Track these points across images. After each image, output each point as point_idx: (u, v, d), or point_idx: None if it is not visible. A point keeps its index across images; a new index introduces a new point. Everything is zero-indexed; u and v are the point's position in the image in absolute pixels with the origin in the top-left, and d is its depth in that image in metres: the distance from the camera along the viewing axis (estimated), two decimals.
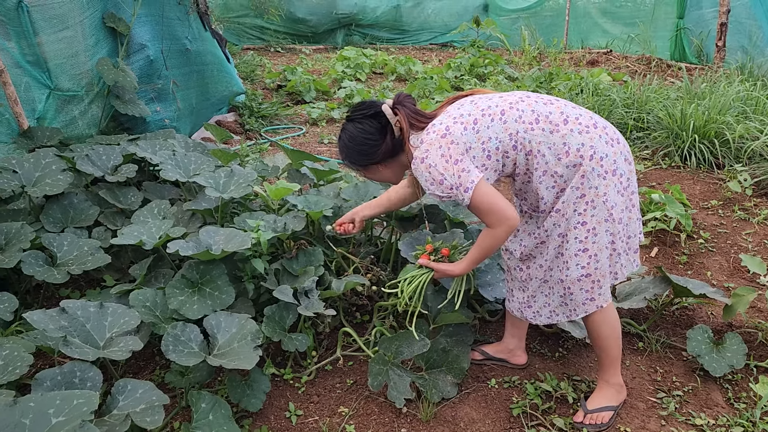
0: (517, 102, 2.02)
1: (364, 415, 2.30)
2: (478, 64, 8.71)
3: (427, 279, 2.27)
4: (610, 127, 2.04)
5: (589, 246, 2.03)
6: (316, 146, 5.56)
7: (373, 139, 2.17)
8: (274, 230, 2.69)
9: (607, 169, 1.95)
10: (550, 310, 2.24)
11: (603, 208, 1.98)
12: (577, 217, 2.00)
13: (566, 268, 2.09)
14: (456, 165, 1.96)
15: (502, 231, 1.99)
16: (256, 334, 2.23)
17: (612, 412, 2.24)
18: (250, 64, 8.55)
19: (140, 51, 4.33)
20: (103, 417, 1.90)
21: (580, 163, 1.95)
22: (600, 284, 2.10)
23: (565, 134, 1.95)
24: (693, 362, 2.56)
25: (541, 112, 1.99)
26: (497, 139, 1.97)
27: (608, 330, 2.19)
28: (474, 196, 1.95)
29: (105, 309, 2.19)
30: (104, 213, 3.07)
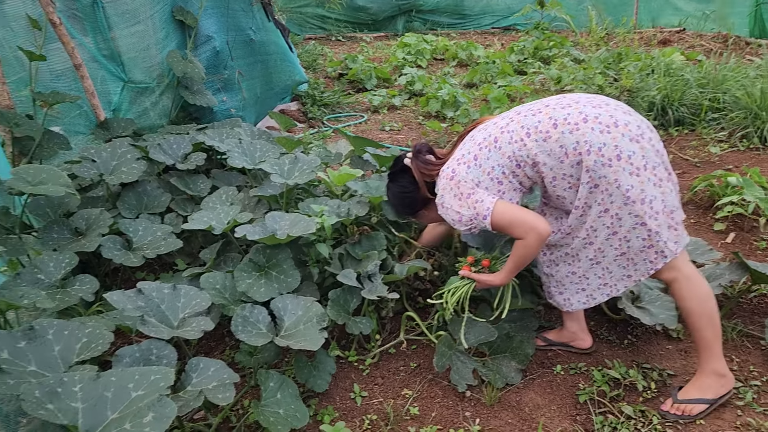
0: (507, 124, 2.14)
1: (427, 397, 2.32)
2: (543, 47, 8.49)
3: (469, 290, 2.32)
4: (605, 113, 2.01)
5: (617, 229, 2.06)
6: (377, 133, 5.58)
7: (408, 191, 2.44)
8: (338, 215, 2.73)
9: (610, 156, 1.96)
10: (587, 294, 2.28)
11: (618, 193, 1.99)
12: (598, 207, 2.04)
13: (602, 252, 2.14)
14: (469, 199, 2.13)
15: (532, 240, 2.07)
16: (322, 316, 2.27)
17: (705, 405, 2.14)
18: (312, 53, 8.64)
19: (207, 42, 4.45)
20: (178, 393, 1.98)
21: (581, 160, 1.99)
22: (634, 261, 2.11)
23: (558, 138, 2.01)
24: None
25: (530, 124, 2.07)
26: (499, 165, 2.11)
27: (697, 306, 2.09)
28: (493, 218, 2.09)
29: (178, 291, 2.28)
30: (175, 200, 3.19)
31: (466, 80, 7.34)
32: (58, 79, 3.56)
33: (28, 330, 1.91)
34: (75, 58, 3.42)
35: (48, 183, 2.53)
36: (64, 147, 3.25)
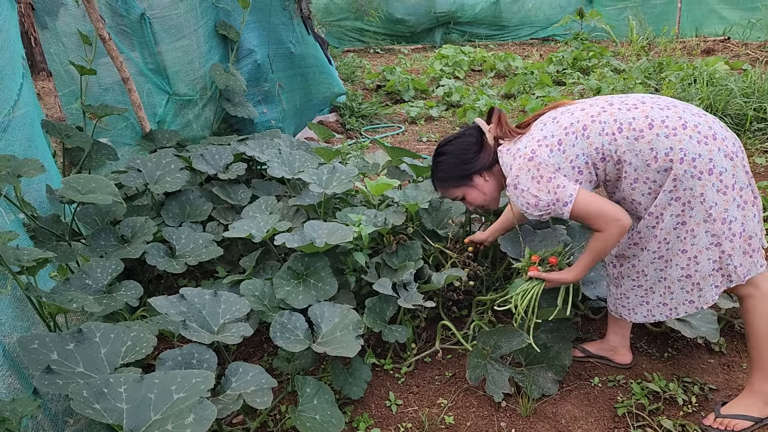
0: (599, 114, 1.99)
1: (462, 407, 2.32)
2: (582, 57, 8.42)
3: (539, 291, 2.21)
4: (704, 123, 1.92)
5: (687, 248, 1.98)
6: (414, 144, 5.61)
7: (471, 150, 2.27)
8: (375, 224, 2.76)
9: (702, 169, 1.87)
10: (648, 309, 2.19)
11: (701, 208, 1.91)
12: (675, 219, 1.96)
13: (668, 268, 2.05)
14: (549, 183, 1.98)
15: (613, 233, 1.98)
16: (358, 324, 2.30)
17: (750, 423, 2.08)
18: (351, 65, 8.76)
19: (248, 56, 4.56)
20: (218, 396, 2.03)
21: (670, 167, 1.89)
22: (700, 287, 2.03)
23: (651, 140, 1.90)
24: None
25: (624, 119, 1.95)
26: (584, 154, 1.98)
27: (762, 323, 2.03)
28: (574, 206, 1.97)
29: (219, 297, 2.34)
30: (217, 209, 3.27)
31: (504, 91, 7.33)
32: (106, 93, 3.70)
33: (76, 333, 1.99)
34: (123, 72, 3.55)
35: (96, 192, 2.62)
36: (111, 158, 3.36)
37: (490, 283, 2.90)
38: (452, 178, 2.31)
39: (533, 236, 2.61)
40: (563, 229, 2.56)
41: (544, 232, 2.60)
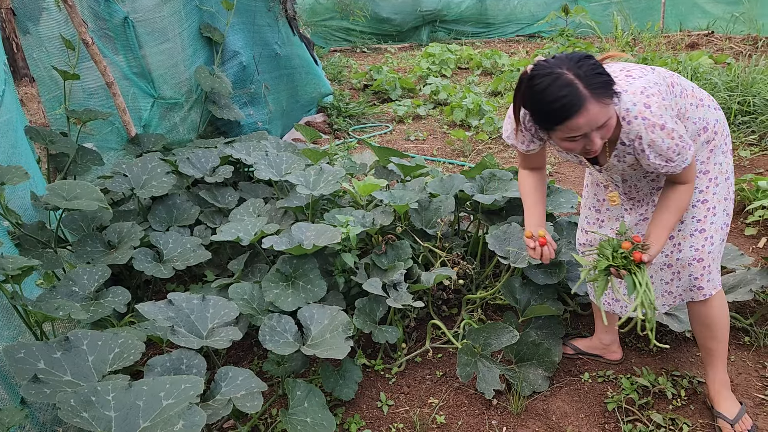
0: (671, 76, 1.87)
1: (453, 406, 2.32)
2: None
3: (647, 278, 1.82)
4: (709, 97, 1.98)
5: (706, 226, 1.95)
6: (403, 143, 5.61)
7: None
8: (363, 225, 2.76)
9: (729, 148, 1.91)
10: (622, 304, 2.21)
11: (725, 185, 1.92)
12: (698, 195, 1.93)
13: (678, 251, 2.00)
14: (677, 125, 1.74)
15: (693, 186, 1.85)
16: (348, 325, 2.29)
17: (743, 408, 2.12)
18: (337, 65, 8.73)
19: (234, 58, 4.54)
20: (208, 402, 2.02)
21: (712, 139, 1.89)
22: (710, 270, 2.00)
23: (705, 109, 1.90)
24: None
25: (686, 86, 1.90)
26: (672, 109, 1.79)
27: (723, 317, 2.06)
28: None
29: (207, 301, 2.32)
30: (204, 212, 3.25)
31: (490, 89, 7.34)
32: (90, 97, 3.67)
33: (63, 341, 1.97)
34: (107, 77, 3.52)
35: (82, 198, 2.60)
36: (97, 163, 3.34)
37: (479, 281, 2.90)
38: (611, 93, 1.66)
39: (521, 234, 2.61)
40: (550, 225, 2.57)
41: None
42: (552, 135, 1.72)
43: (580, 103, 1.59)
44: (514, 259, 2.53)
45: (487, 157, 3.17)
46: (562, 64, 1.62)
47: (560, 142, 1.72)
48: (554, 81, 1.60)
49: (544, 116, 1.67)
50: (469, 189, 2.88)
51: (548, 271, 2.55)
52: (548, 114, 1.65)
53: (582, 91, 1.59)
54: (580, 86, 1.59)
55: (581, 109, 1.60)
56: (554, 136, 1.72)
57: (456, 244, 2.90)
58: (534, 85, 1.64)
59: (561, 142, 1.72)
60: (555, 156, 5.00)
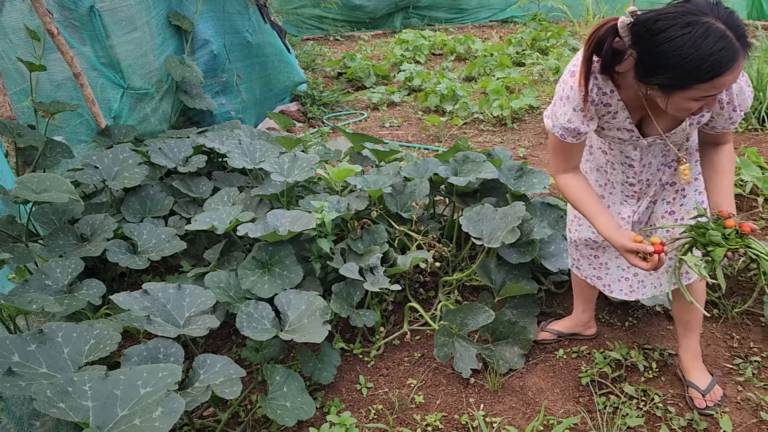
0: None
1: (432, 386, 2.35)
2: (540, 38, 8.49)
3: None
4: None
5: (704, 198, 1.95)
6: (377, 130, 5.61)
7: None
8: (338, 210, 2.76)
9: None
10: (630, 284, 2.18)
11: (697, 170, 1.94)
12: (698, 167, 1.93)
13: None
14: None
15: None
16: (325, 310, 2.30)
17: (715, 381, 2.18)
18: (310, 53, 8.67)
19: (204, 46, 4.49)
20: (186, 389, 2.03)
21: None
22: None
23: None
24: None
25: None
26: None
27: (702, 291, 2.12)
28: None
29: (183, 291, 2.31)
30: (178, 202, 3.23)
31: (464, 74, 7.35)
32: (58, 89, 3.60)
33: (37, 333, 1.95)
34: (74, 67, 3.47)
35: (51, 191, 2.57)
36: (66, 155, 3.29)
37: (456, 263, 2.93)
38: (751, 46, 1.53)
39: (494, 215, 2.64)
40: (522, 205, 2.60)
41: (504, 210, 2.63)
42: (676, 94, 1.53)
43: (735, 57, 1.42)
44: (488, 239, 2.56)
45: (461, 141, 3.19)
46: (703, 12, 1.43)
47: (683, 102, 1.54)
48: (707, 31, 1.40)
49: (685, 72, 1.45)
50: (443, 172, 2.90)
51: (521, 250, 2.58)
52: (695, 69, 1.43)
53: (735, 43, 1.42)
54: (733, 38, 1.42)
55: (735, 64, 1.42)
56: (678, 96, 1.53)
57: (432, 227, 2.92)
58: (674, 37, 1.43)
59: (683, 103, 1.54)
60: (530, 139, 5.04)
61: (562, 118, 1.78)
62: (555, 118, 1.81)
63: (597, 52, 1.60)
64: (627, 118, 1.78)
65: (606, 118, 1.80)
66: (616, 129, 1.83)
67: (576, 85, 1.70)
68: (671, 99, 1.55)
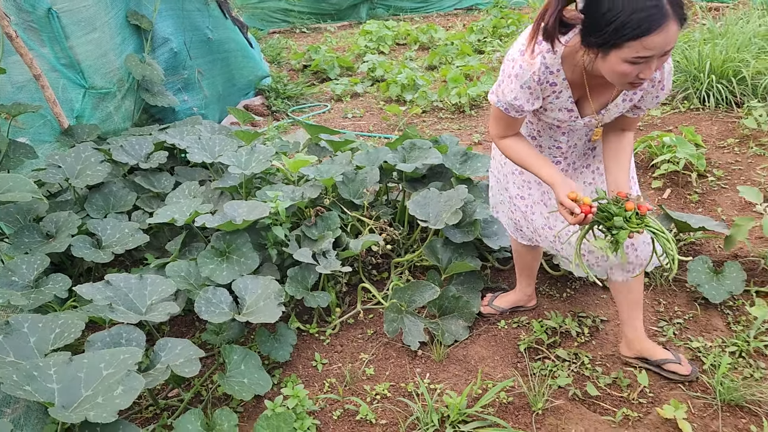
0: None
1: (382, 359, 2.52)
2: (501, 25, 8.67)
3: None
4: None
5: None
6: (340, 121, 5.74)
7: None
8: (292, 199, 2.90)
9: None
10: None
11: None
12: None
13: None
14: None
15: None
16: (279, 292, 2.46)
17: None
18: (276, 47, 8.74)
19: (164, 44, 4.58)
20: (149, 371, 2.17)
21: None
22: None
23: None
24: (695, 292, 2.66)
25: None
26: None
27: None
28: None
29: (144, 280, 2.45)
30: (141, 198, 3.34)
31: (427, 63, 7.50)
32: (20, 91, 3.68)
33: (4, 325, 2.08)
34: (34, 69, 3.54)
35: (15, 190, 2.67)
36: (30, 156, 3.38)
37: (408, 245, 3.10)
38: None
39: (439, 198, 2.80)
40: (465, 188, 2.76)
41: (449, 193, 2.79)
42: (611, 54, 1.59)
43: (665, 18, 1.50)
44: (434, 221, 2.73)
45: (409, 129, 3.35)
46: None
47: (618, 64, 1.60)
48: None
49: (616, 27, 1.53)
50: (391, 159, 3.06)
51: (465, 230, 2.75)
52: (625, 25, 1.51)
53: (666, 6, 1.50)
54: (665, 1, 1.50)
55: (663, 26, 1.50)
56: (614, 56, 1.59)
57: (383, 212, 3.08)
58: None
59: (619, 65, 1.60)
60: (486, 125, 5.21)
61: (509, 95, 1.84)
62: (501, 95, 1.87)
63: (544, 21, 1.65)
64: (569, 98, 1.86)
65: (550, 98, 1.87)
66: (557, 110, 1.91)
67: (525, 63, 1.76)
68: (608, 61, 1.61)
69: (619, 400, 2.18)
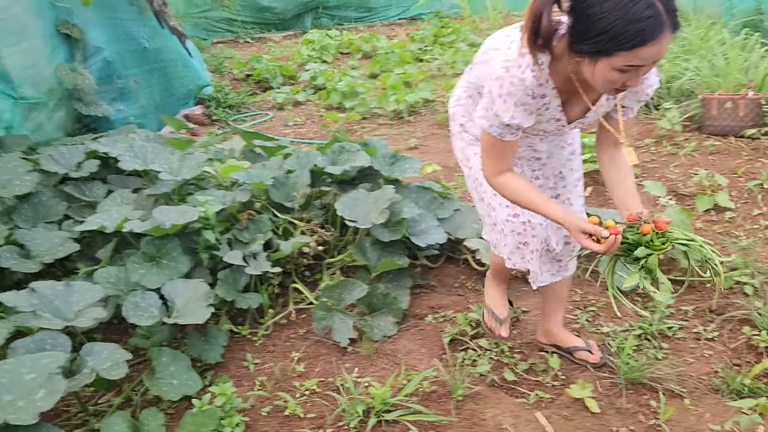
0: None
1: (313, 357, 2.58)
2: (441, 34, 8.88)
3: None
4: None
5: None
6: (281, 129, 5.79)
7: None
8: (223, 204, 2.94)
9: None
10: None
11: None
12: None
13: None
14: None
15: None
16: (208, 294, 2.50)
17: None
18: (219, 57, 8.74)
19: (96, 54, 4.56)
20: (75, 376, 2.17)
21: None
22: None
23: None
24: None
25: None
26: None
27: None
28: None
29: (71, 287, 2.45)
30: (72, 207, 3.31)
31: (369, 71, 7.62)
32: None
33: None
34: None
35: None
36: None
37: (340, 247, 3.17)
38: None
39: (367, 198, 2.89)
40: (392, 188, 2.86)
41: (376, 194, 2.89)
42: (600, 61, 1.52)
43: (661, 28, 1.42)
44: (362, 221, 2.81)
45: (339, 133, 3.44)
46: None
47: (607, 72, 1.52)
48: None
49: (609, 37, 1.44)
50: (321, 162, 3.13)
51: (392, 229, 2.85)
52: (620, 35, 1.43)
53: (663, 15, 1.42)
54: (662, 10, 1.42)
55: (660, 36, 1.43)
56: (603, 63, 1.51)
57: (315, 215, 3.14)
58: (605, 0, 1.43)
59: (607, 73, 1.52)
60: (423, 130, 5.35)
61: (505, 116, 1.70)
62: (494, 118, 1.73)
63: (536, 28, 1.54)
64: (558, 106, 1.77)
65: (540, 111, 1.77)
66: (546, 121, 1.82)
67: (515, 79, 1.66)
68: (597, 67, 1.53)
69: (534, 384, 2.30)
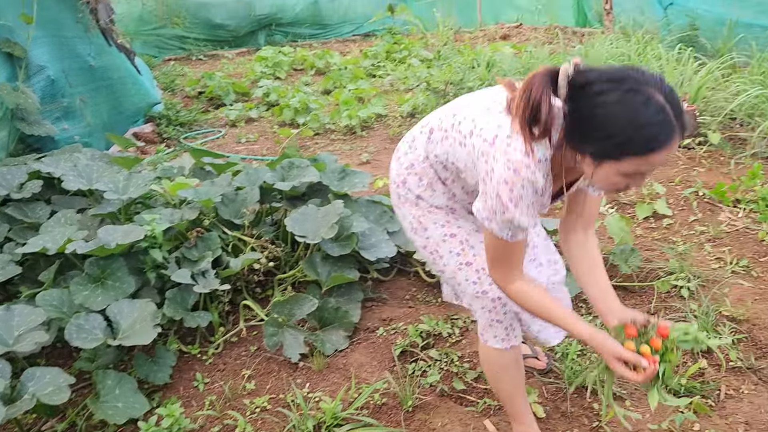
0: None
1: (264, 373, 2.56)
2: (394, 50, 8.99)
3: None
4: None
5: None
6: (234, 146, 5.75)
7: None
8: (171, 222, 2.91)
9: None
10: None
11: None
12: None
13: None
14: None
15: None
16: (155, 314, 2.46)
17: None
18: (170, 74, 8.64)
19: (40, 72, 4.46)
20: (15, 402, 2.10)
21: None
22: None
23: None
24: None
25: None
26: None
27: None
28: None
29: (11, 311, 2.38)
30: (14, 229, 3.22)
31: (322, 87, 7.66)
32: None
33: None
34: None
35: None
36: None
37: (291, 262, 3.16)
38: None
39: (316, 214, 2.90)
40: (341, 203, 2.88)
41: (326, 209, 2.90)
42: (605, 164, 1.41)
43: (673, 134, 1.34)
44: (312, 236, 2.82)
45: (289, 150, 3.44)
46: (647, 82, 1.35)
47: (612, 176, 1.42)
48: (648, 101, 1.33)
49: (620, 141, 1.35)
50: (270, 179, 3.13)
51: (342, 243, 2.86)
52: (630, 141, 1.35)
53: (673, 120, 1.34)
54: (671, 115, 1.33)
55: (672, 141, 1.34)
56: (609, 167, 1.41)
57: (265, 231, 3.13)
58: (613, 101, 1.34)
59: (613, 176, 1.42)
60: (376, 144, 5.40)
61: (523, 221, 1.54)
62: (508, 223, 1.55)
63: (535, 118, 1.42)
64: (550, 193, 1.61)
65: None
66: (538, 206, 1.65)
67: (526, 182, 1.49)
68: (601, 169, 1.43)
69: (483, 392, 2.34)
